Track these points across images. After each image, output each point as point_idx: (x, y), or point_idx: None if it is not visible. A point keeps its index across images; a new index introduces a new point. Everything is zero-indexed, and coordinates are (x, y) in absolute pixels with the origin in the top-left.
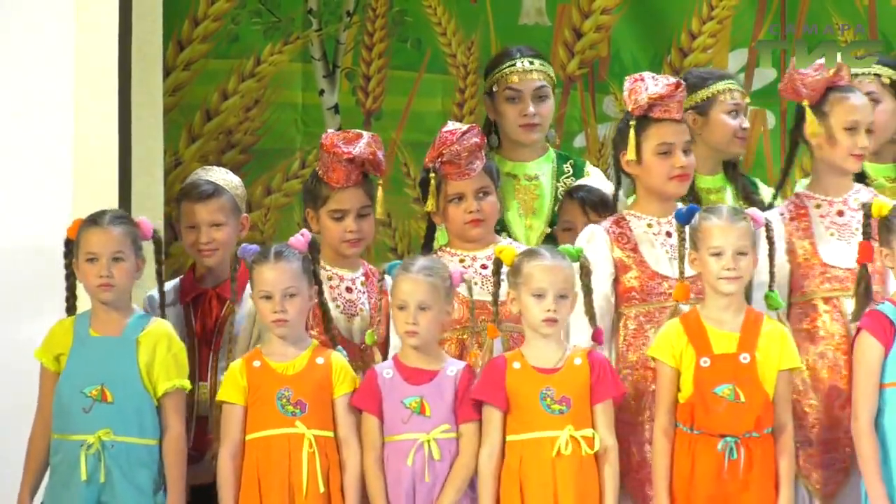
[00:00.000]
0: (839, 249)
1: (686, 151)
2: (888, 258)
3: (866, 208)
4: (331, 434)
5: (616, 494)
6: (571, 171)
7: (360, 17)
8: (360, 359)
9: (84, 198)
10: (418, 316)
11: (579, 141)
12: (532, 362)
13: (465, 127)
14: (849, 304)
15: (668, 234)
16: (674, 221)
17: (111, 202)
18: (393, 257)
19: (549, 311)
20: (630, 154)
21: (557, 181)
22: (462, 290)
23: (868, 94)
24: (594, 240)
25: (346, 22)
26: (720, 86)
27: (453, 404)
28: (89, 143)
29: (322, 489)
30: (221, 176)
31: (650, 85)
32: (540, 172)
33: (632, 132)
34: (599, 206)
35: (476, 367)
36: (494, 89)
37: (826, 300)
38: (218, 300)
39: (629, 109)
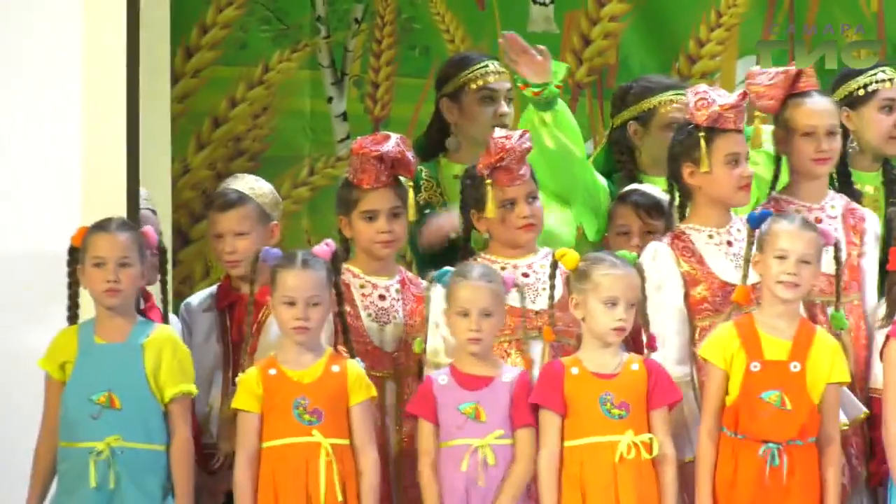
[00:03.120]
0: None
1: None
2: None
3: (893, 215)
4: (347, 442)
5: (675, 501)
6: None
7: (368, 24)
8: (392, 367)
9: (92, 205)
10: (482, 322)
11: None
12: (590, 367)
13: (516, 132)
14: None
15: (730, 244)
16: (736, 229)
17: (119, 210)
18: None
19: (620, 319)
20: (703, 166)
21: None
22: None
23: (888, 99)
24: (658, 257)
25: (355, 29)
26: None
27: (509, 410)
28: (97, 150)
29: (340, 497)
30: (249, 184)
31: (718, 96)
32: None
33: (702, 143)
34: (654, 210)
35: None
36: (467, 89)
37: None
38: (255, 305)
39: (697, 122)
